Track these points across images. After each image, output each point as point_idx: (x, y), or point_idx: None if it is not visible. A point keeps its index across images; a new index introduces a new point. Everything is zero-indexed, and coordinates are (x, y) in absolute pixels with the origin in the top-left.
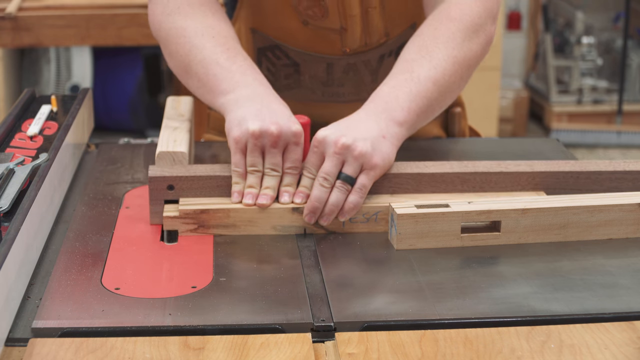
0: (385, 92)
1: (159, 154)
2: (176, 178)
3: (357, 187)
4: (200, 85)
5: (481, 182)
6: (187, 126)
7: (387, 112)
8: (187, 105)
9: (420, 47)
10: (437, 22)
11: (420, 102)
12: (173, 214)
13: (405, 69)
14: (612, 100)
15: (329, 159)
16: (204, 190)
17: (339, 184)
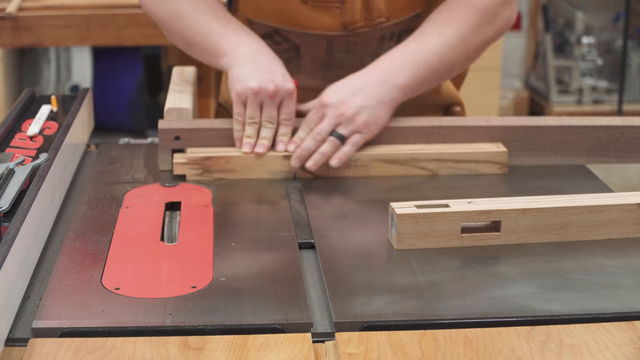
0: (395, 57)
1: (167, 110)
2: (182, 130)
3: (351, 141)
4: (203, 52)
5: (445, 135)
6: (191, 90)
7: (391, 76)
8: (191, 73)
9: (435, 23)
10: (455, 3)
11: (423, 72)
12: (182, 161)
13: (416, 39)
14: (612, 100)
15: (327, 120)
16: (206, 140)
17: (330, 138)
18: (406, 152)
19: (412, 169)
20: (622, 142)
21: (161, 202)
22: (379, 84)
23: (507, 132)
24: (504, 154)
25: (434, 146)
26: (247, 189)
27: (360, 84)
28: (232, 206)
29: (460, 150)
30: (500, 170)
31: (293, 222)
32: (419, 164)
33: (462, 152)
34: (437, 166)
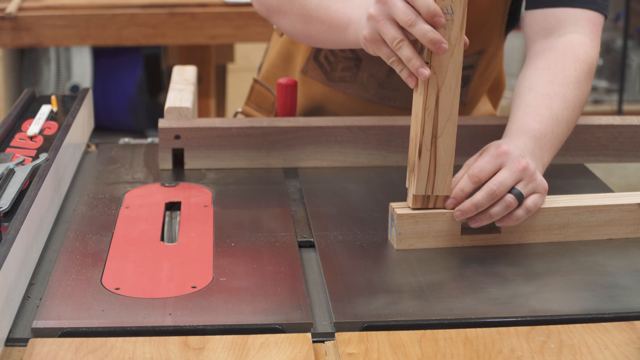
0: (535, 127)
1: (167, 109)
2: (182, 129)
3: (529, 205)
4: (325, 27)
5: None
6: (191, 89)
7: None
8: (192, 72)
9: (553, 83)
10: (565, 60)
11: (557, 144)
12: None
13: (545, 104)
14: (612, 100)
15: (509, 172)
16: (206, 140)
17: (510, 198)
18: None
19: None
20: (621, 141)
21: (161, 202)
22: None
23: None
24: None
25: None
26: (247, 188)
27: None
28: (232, 206)
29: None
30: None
31: (293, 222)
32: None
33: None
34: None
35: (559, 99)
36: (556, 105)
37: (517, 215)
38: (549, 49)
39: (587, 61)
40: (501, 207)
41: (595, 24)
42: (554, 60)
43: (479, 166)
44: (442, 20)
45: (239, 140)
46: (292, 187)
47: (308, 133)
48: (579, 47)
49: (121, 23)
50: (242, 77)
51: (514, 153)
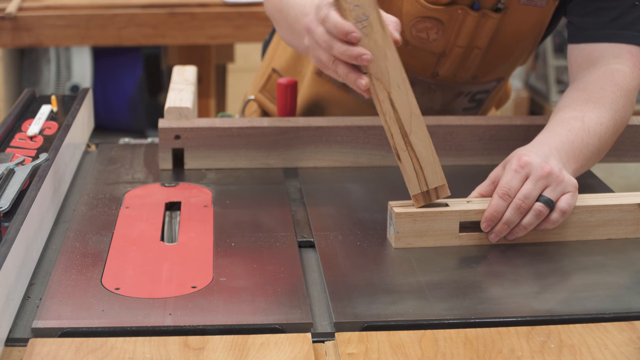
0: (564, 134)
1: (167, 109)
2: (182, 129)
3: (562, 207)
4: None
5: (444, 134)
6: (191, 88)
7: (566, 158)
8: (192, 72)
9: (588, 101)
10: (603, 82)
11: (586, 154)
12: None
13: (578, 117)
14: None
15: (533, 183)
16: (206, 140)
17: (537, 206)
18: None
19: None
20: (620, 141)
21: (161, 202)
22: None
23: (506, 131)
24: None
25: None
26: (247, 188)
27: (547, 149)
28: (232, 206)
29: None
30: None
31: (293, 222)
32: None
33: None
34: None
35: (592, 114)
36: (589, 120)
37: (553, 219)
38: (588, 75)
39: (625, 87)
40: (532, 216)
41: (637, 57)
42: (592, 82)
43: (506, 184)
44: (355, 36)
45: (239, 140)
46: (292, 187)
47: (308, 133)
48: (617, 74)
49: (121, 23)
50: (242, 77)
51: (536, 161)
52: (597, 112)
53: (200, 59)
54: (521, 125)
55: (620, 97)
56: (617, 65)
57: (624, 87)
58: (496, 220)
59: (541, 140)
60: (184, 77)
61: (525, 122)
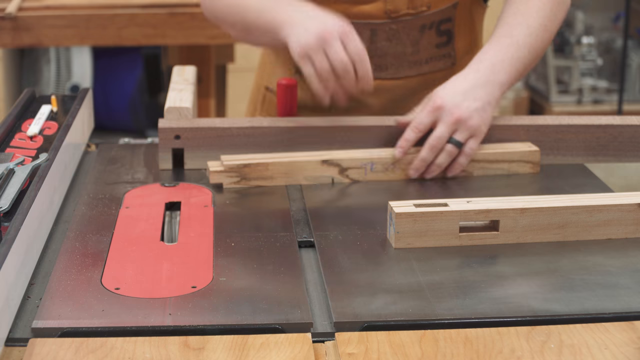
0: (492, 54)
1: (167, 109)
2: (182, 129)
3: (466, 151)
4: (263, 33)
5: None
6: (191, 89)
7: (495, 75)
8: (191, 72)
9: (516, 14)
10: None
11: (519, 67)
12: (219, 169)
13: (506, 32)
14: (612, 100)
15: (444, 126)
16: (206, 140)
17: (448, 147)
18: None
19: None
20: (620, 141)
21: (161, 202)
22: (484, 84)
23: (506, 131)
24: (536, 153)
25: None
26: (247, 188)
27: (467, 86)
28: (232, 206)
29: (495, 151)
30: (533, 169)
31: (293, 222)
32: None
33: (497, 152)
34: (472, 166)
35: (520, 27)
36: (517, 33)
37: (460, 162)
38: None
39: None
40: (444, 156)
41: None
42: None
43: (418, 119)
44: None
45: (239, 140)
46: (292, 187)
47: (308, 133)
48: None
49: (121, 23)
50: (242, 77)
51: (448, 105)
52: (525, 24)
53: (200, 59)
54: (521, 125)
55: (548, 3)
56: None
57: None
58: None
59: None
60: (184, 77)
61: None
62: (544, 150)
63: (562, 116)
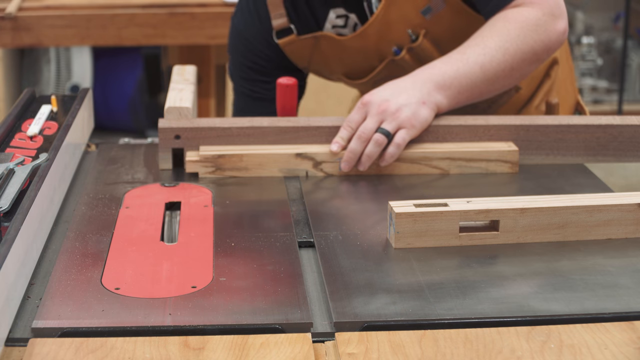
0: (437, 65)
1: (167, 108)
2: (182, 129)
3: (396, 140)
4: None
5: (443, 133)
6: (191, 88)
7: (431, 82)
8: (192, 72)
9: (476, 37)
10: (494, 20)
11: (463, 81)
12: (194, 159)
13: (459, 51)
14: (612, 100)
15: (370, 118)
16: (206, 140)
17: (375, 136)
18: (418, 150)
19: (423, 167)
20: (620, 140)
21: (161, 202)
22: (420, 87)
23: (505, 130)
24: (514, 153)
25: (446, 145)
26: (247, 188)
27: (401, 86)
28: (232, 206)
29: (472, 149)
30: (511, 169)
31: (293, 222)
32: (431, 163)
33: (474, 151)
34: (448, 165)
35: (476, 47)
36: (470, 52)
37: (390, 152)
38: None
39: (519, 20)
40: (372, 145)
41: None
42: (487, 24)
43: (349, 117)
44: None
45: (239, 140)
46: (292, 187)
47: (308, 133)
48: (510, 13)
49: (121, 23)
50: None
51: (375, 100)
52: (482, 44)
53: (200, 59)
54: (520, 125)
55: (514, 29)
56: (512, 9)
57: (518, 19)
58: (342, 146)
59: (402, 79)
60: (184, 76)
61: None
62: (544, 150)
63: (562, 116)
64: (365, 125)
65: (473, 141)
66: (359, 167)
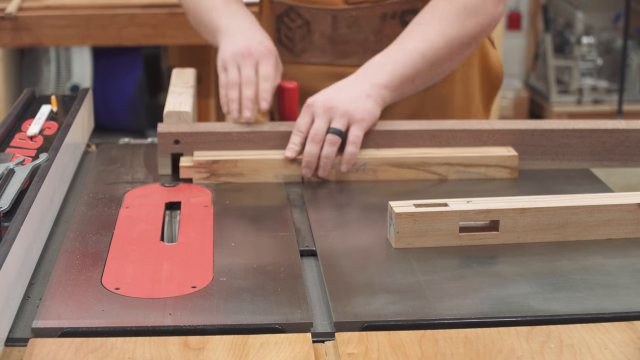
0: (376, 60)
1: (166, 113)
2: (181, 134)
3: (351, 139)
4: (207, 32)
5: (447, 138)
6: (191, 91)
7: (372, 75)
8: (191, 74)
9: (416, 24)
10: (436, 2)
11: (403, 70)
12: (188, 164)
13: (398, 41)
14: (612, 100)
15: (318, 119)
16: (206, 144)
17: (328, 137)
18: (416, 155)
19: (421, 173)
20: (627, 145)
21: (161, 202)
22: (361, 82)
23: (510, 135)
24: (514, 158)
25: (444, 150)
26: (247, 188)
27: (343, 84)
28: (232, 206)
29: (471, 154)
30: (510, 174)
31: (293, 222)
32: (429, 168)
33: (473, 156)
34: (447, 170)
35: (413, 34)
36: (407, 40)
37: (348, 151)
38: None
39: (460, 2)
40: (327, 146)
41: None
42: (428, 5)
43: (297, 122)
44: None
45: (239, 145)
46: (292, 187)
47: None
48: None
49: (121, 23)
50: None
51: (319, 100)
52: (419, 31)
53: (200, 59)
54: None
55: (453, 10)
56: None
57: (458, 2)
58: (295, 151)
59: (343, 79)
60: (183, 79)
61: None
62: (549, 155)
63: (567, 120)
64: (315, 126)
65: (477, 146)
66: (320, 173)
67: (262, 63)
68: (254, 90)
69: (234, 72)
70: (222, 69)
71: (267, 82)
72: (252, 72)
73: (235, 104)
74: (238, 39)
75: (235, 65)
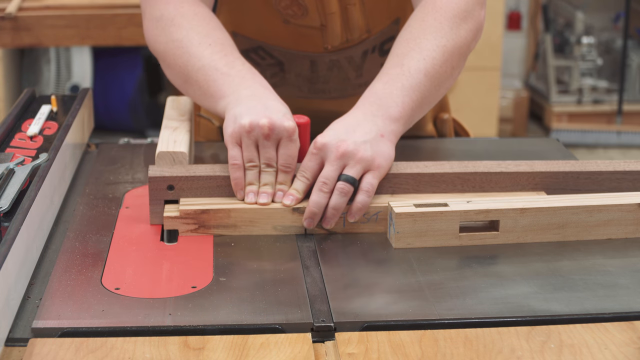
0: (379, 88)
1: (159, 153)
2: (176, 178)
3: (364, 187)
4: (201, 92)
5: (481, 182)
6: (187, 126)
7: (382, 109)
8: (187, 105)
9: (409, 40)
10: (424, 13)
11: (413, 96)
12: (173, 214)
13: (396, 63)
14: (612, 100)
15: (330, 164)
16: (204, 190)
17: (339, 185)
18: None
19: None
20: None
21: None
22: (373, 119)
23: (551, 178)
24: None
25: (467, 196)
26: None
27: (353, 122)
28: None
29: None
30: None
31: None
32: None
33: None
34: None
35: (412, 53)
36: (407, 61)
37: (359, 201)
38: (416, 10)
39: (448, 8)
40: (337, 196)
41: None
42: (414, 17)
43: (303, 165)
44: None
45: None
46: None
47: None
48: (439, 1)
49: (121, 23)
50: None
51: (331, 142)
52: (418, 49)
53: None
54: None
55: (446, 20)
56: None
57: (447, 7)
58: (297, 198)
59: (356, 107)
60: (179, 111)
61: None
62: None
63: (616, 162)
64: (326, 173)
65: (515, 190)
66: (325, 225)
67: (285, 145)
68: (274, 177)
69: (253, 152)
70: (235, 143)
71: (288, 173)
72: (274, 155)
73: (255, 189)
74: (253, 107)
75: (253, 141)
